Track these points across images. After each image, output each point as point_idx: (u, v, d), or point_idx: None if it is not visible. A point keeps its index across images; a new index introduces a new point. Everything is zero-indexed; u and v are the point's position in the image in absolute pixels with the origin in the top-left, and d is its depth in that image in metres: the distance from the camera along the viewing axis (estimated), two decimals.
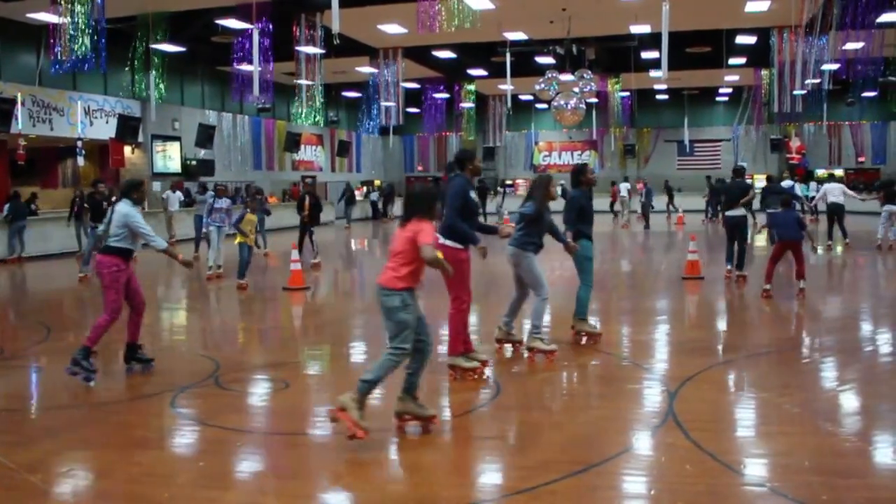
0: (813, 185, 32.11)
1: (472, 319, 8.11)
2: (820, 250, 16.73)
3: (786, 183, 18.62)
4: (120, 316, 7.04)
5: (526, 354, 7.54)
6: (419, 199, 5.36)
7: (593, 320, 10.04)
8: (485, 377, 6.82)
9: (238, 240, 12.78)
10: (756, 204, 17.50)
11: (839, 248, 17.38)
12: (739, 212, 12.26)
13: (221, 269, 14.04)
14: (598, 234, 8.81)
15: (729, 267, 12.62)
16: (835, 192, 17.38)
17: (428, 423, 5.42)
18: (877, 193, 19.19)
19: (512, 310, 7.81)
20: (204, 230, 15.09)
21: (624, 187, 28.28)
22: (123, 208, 6.99)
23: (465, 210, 6.67)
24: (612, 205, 31.30)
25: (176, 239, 21.09)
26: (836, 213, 17.26)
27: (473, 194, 6.85)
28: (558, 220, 7.93)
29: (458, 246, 6.58)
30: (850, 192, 18.18)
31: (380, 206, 35.02)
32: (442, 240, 6.37)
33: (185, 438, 5.60)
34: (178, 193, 21.90)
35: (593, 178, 8.32)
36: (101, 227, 7.57)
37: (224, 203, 14.29)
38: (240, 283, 12.71)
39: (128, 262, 7.04)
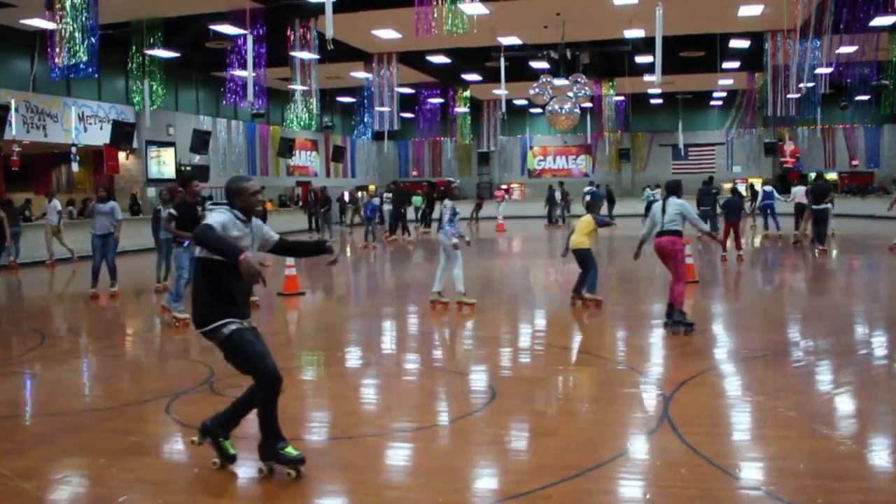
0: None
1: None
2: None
3: (767, 188, 22.75)
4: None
5: None
6: None
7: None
8: None
9: (588, 244, 10.85)
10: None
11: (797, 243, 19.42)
12: (824, 206, 17.15)
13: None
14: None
15: (821, 248, 17.04)
16: (800, 194, 20.01)
17: None
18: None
19: None
20: (447, 241, 10.72)
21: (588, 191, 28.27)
22: (678, 200, 9.05)
23: None
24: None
25: (56, 258, 18.36)
26: (801, 211, 19.78)
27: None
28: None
29: None
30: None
31: (420, 213, 30.45)
32: None
33: (179, 445, 5.58)
34: (56, 202, 18.30)
35: None
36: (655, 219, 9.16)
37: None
38: (593, 298, 10.81)
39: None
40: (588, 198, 26.95)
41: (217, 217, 4.49)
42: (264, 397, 4.60)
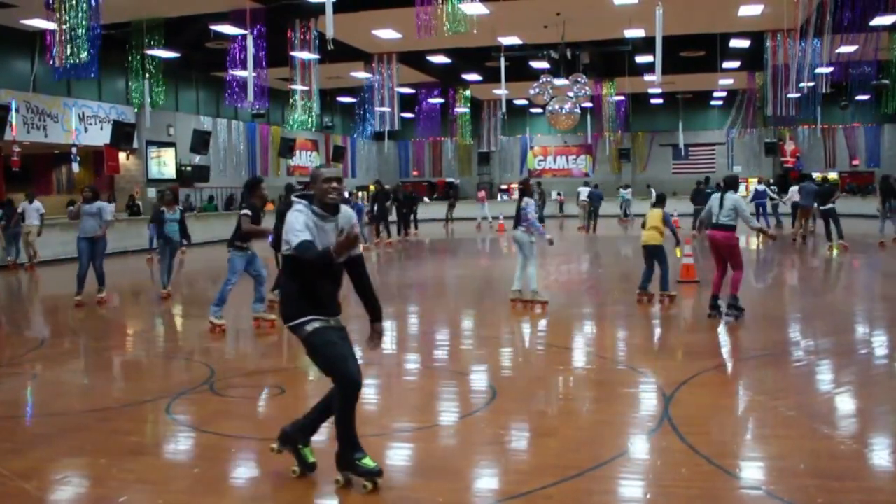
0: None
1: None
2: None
3: (760, 187, 23.84)
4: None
5: None
6: None
7: (588, 324, 10.10)
8: None
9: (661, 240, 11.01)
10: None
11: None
12: (830, 205, 17.56)
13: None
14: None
15: (830, 243, 17.61)
16: (796, 194, 20.84)
17: None
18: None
19: None
20: (526, 239, 10.72)
21: (584, 191, 28.29)
22: (734, 196, 9.34)
23: None
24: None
25: (36, 260, 17.86)
26: (797, 209, 20.74)
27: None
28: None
29: None
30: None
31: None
32: None
33: (179, 445, 5.58)
34: (37, 204, 17.54)
35: None
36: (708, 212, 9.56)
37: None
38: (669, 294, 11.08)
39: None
40: (586, 199, 27.18)
41: (299, 221, 4.30)
42: (342, 403, 4.41)
